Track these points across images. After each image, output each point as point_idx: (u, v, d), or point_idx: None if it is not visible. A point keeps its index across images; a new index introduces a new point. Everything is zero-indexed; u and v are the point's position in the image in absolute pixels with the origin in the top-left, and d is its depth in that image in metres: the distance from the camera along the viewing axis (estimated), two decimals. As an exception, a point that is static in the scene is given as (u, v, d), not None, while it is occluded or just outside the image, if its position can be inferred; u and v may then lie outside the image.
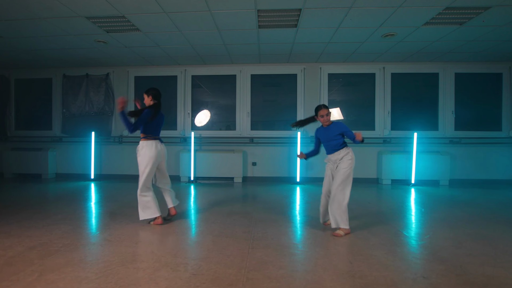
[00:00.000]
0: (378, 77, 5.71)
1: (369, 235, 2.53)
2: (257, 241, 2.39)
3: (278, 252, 2.14)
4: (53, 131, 5.99)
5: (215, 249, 2.20)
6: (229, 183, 5.50)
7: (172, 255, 2.08)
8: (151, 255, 2.07)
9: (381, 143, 5.70)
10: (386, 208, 3.62)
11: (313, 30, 4.08)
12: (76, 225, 2.76)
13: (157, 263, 1.93)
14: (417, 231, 2.70)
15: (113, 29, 4.04)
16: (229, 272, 1.82)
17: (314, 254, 2.11)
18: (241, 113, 5.84)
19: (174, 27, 3.97)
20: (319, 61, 5.67)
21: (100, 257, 2.02)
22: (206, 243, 2.32)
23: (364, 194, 4.55)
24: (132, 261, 1.96)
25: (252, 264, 1.93)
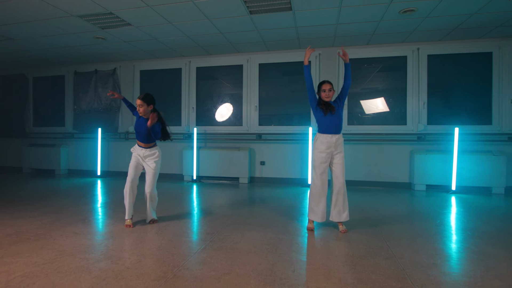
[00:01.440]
0: (410, 61, 5.44)
1: (379, 262, 2.53)
2: (213, 243, 2.63)
3: (225, 256, 2.35)
4: (66, 127, 6.97)
5: (165, 248, 2.50)
6: (234, 184, 5.80)
7: (121, 250, 2.44)
8: (101, 248, 2.45)
9: (414, 140, 5.43)
10: (408, 218, 3.54)
11: (312, 12, 4.13)
12: (58, 218, 3.32)
13: (102, 256, 2.31)
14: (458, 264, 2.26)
15: (106, 25, 4.61)
16: (162, 268, 2.10)
17: (262, 259, 2.27)
18: (248, 107, 6.08)
19: (163, 20, 4.38)
20: (336, 45, 5.61)
21: (57, 247, 2.47)
22: (160, 242, 2.64)
23: (388, 201, 4.44)
24: (81, 252, 2.36)
25: (190, 264, 2.18)
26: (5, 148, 7.48)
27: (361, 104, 5.73)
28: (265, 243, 2.61)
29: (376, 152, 5.60)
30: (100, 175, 6.47)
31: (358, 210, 3.83)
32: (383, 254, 2.39)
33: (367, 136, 5.59)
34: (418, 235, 2.87)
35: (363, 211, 3.76)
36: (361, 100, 5.73)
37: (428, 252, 2.43)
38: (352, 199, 4.45)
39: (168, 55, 6.20)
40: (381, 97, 5.67)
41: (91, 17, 4.30)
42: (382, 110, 5.68)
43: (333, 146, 2.99)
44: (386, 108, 5.65)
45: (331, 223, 3.11)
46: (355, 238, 2.75)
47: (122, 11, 4.11)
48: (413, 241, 2.70)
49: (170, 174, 6.38)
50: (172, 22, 4.50)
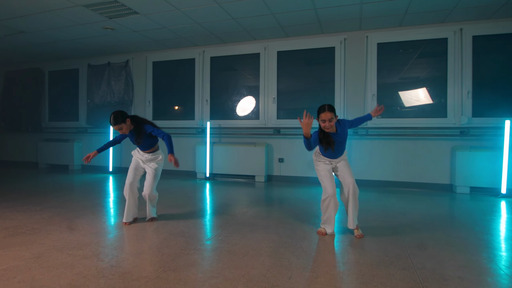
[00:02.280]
0: (452, 44, 5.06)
1: (392, 272, 2.42)
2: (209, 244, 2.59)
3: (218, 258, 2.31)
4: (80, 122, 7.31)
5: (157, 247, 2.50)
6: (250, 182, 5.76)
7: (111, 248, 2.48)
8: (92, 245, 2.51)
9: (456, 135, 5.06)
10: (440, 225, 3.30)
11: (331, -11, 3.96)
12: (58, 213, 3.47)
13: (90, 252, 2.35)
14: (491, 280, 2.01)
15: (114, 14, 4.75)
16: (147, 268, 2.10)
17: (258, 263, 2.20)
18: (265, 99, 6.00)
19: (170, 6, 4.42)
20: (364, 28, 5.36)
21: (48, 242, 2.57)
22: (154, 241, 2.66)
23: (421, 204, 4.18)
24: (71, 248, 2.43)
25: (178, 265, 2.15)
26: (22, 143, 8.02)
27: (400, 96, 5.43)
28: (266, 246, 2.53)
29: (411, 148, 5.29)
30: (112, 171, 6.72)
31: (382, 213, 3.62)
32: (399, 264, 2.21)
33: (400, 130, 5.28)
34: (448, 243, 2.64)
35: (388, 215, 3.55)
36: (394, 93, 5.43)
37: (455, 264, 2.22)
38: (379, 202, 4.23)
39: (181, 44, 6.28)
40: (421, 87, 5.33)
41: (97, 6, 4.44)
42: (424, 103, 5.33)
43: (334, 163, 2.95)
44: (429, 100, 5.30)
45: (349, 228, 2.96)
46: (371, 245, 2.59)
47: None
48: (440, 250, 2.48)
49: (183, 171, 6.46)
50: (180, 9, 4.52)
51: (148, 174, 3.22)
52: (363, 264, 2.21)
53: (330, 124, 2.68)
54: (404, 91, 5.41)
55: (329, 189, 2.82)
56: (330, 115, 2.65)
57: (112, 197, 4.48)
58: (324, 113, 2.67)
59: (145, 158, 3.23)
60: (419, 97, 5.34)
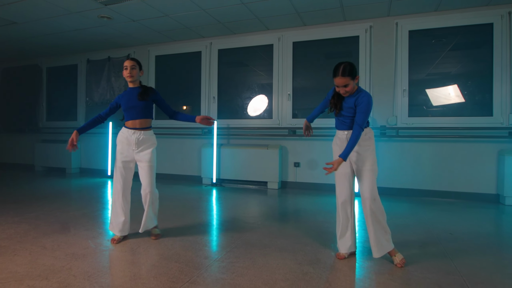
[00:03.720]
0: (498, 30, 4.44)
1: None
2: (208, 272, 2.08)
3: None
4: (78, 121, 6.95)
5: (141, 278, 2.01)
6: (262, 189, 5.25)
7: (84, 277, 1.99)
8: (62, 272, 2.03)
9: (505, 136, 4.42)
10: (476, 243, 2.72)
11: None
12: (36, 226, 3.03)
13: (56, 284, 1.88)
14: None
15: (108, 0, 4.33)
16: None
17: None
18: (279, 96, 5.48)
19: (170, -14, 3.98)
20: (393, 14, 4.79)
21: (11, 266, 2.10)
22: (140, 267, 2.16)
23: (456, 218, 3.58)
24: (34, 277, 1.96)
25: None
26: (18, 144, 7.70)
27: (427, 94, 4.84)
28: (281, 279, 2.00)
29: (448, 152, 4.67)
30: (111, 175, 6.30)
31: (424, 231, 3.04)
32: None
33: (436, 131, 4.68)
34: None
35: (431, 234, 2.97)
36: (428, 88, 4.84)
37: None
38: (415, 216, 3.64)
39: (186, 36, 5.83)
40: (454, 83, 4.72)
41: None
42: (454, 101, 4.74)
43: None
44: (461, 99, 4.70)
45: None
46: (418, 277, 2.03)
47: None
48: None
49: (187, 175, 6.01)
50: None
51: (143, 170, 2.70)
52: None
53: (345, 90, 2.18)
54: (440, 86, 4.80)
55: (339, 193, 2.35)
56: (344, 80, 2.13)
57: (103, 206, 4.02)
58: (337, 78, 2.15)
59: (135, 138, 2.64)
60: (455, 93, 4.72)
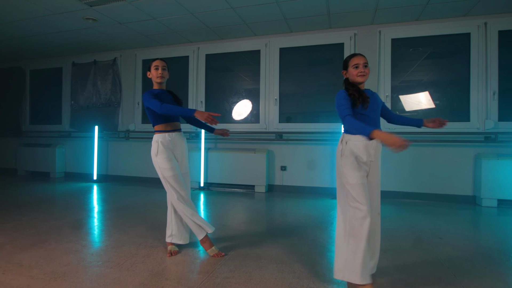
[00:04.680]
0: (475, 40, 4.39)
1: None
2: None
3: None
4: (63, 125, 6.47)
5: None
6: (249, 193, 4.99)
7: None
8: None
9: (480, 141, 4.36)
10: (469, 250, 2.57)
11: (349, -31, 3.24)
12: (13, 239, 2.65)
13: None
14: None
15: (94, 1, 3.96)
16: None
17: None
18: (266, 101, 5.25)
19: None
20: (377, 22, 4.66)
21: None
22: (129, 285, 1.87)
23: (441, 220, 3.45)
24: None
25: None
26: (0, 148, 7.11)
27: (400, 100, 4.75)
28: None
29: (429, 156, 4.58)
30: (97, 179, 5.88)
31: (414, 237, 2.87)
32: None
33: (417, 135, 4.57)
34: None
35: (421, 240, 2.80)
36: (406, 94, 4.74)
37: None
38: (403, 220, 3.49)
39: (174, 41, 5.51)
40: (433, 90, 4.65)
41: (73, -11, 3.67)
42: (426, 107, 4.67)
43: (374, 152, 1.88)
44: (431, 104, 4.64)
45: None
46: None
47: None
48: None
49: (175, 180, 5.66)
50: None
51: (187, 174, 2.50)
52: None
53: (366, 70, 1.95)
54: (420, 92, 4.72)
55: (366, 204, 1.72)
56: (364, 59, 1.97)
57: (88, 214, 3.64)
58: (357, 56, 1.96)
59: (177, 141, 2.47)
60: (426, 100, 4.66)
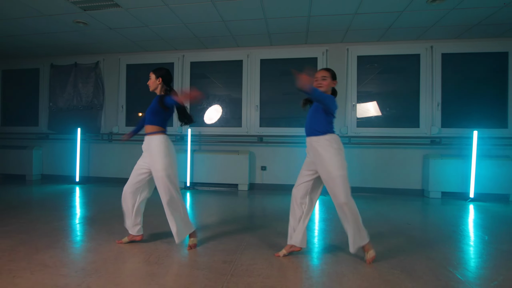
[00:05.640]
0: (424, 60, 4.98)
1: (403, 276, 1.95)
2: (237, 277, 1.92)
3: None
4: (40, 127, 5.99)
5: (173, 286, 1.77)
6: (233, 191, 5.09)
7: (113, 285, 1.68)
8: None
9: (427, 144, 4.96)
10: (433, 232, 2.98)
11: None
12: (21, 240, 2.49)
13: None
14: (478, 272, 2.06)
15: (90, 5, 3.81)
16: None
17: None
18: (248, 106, 5.41)
19: (159, 0, 3.64)
20: (346, 41, 5.07)
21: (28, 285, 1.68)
22: (165, 277, 1.90)
23: (403, 210, 3.89)
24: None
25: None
26: (-34, 151, 6.34)
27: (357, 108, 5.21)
28: (306, 276, 1.93)
29: (387, 156, 5.08)
30: (79, 181, 5.54)
31: (388, 223, 3.23)
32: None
33: (378, 139, 5.06)
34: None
35: (396, 227, 3.16)
36: (366, 103, 5.22)
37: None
38: (373, 210, 3.86)
39: (159, 47, 5.43)
40: (389, 100, 5.18)
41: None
42: (373, 115, 5.18)
43: None
44: (378, 112, 5.16)
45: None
46: (404, 264, 2.13)
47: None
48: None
49: (160, 180, 5.55)
50: (169, 5, 3.76)
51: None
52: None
53: (322, 82, 2.20)
54: (374, 101, 5.21)
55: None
56: (324, 73, 2.22)
57: (91, 214, 3.48)
58: (319, 71, 2.25)
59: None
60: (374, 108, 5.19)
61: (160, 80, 2.46)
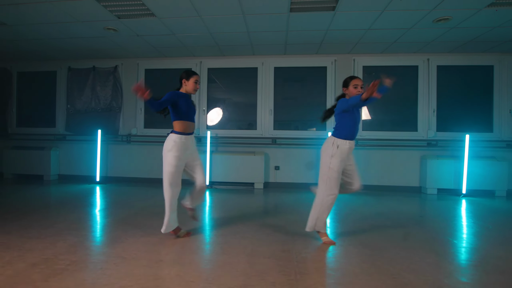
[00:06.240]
0: (421, 71, 5.35)
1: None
2: (303, 263, 2.09)
3: (334, 281, 1.84)
4: (57, 128, 5.89)
5: (254, 273, 1.92)
6: (249, 189, 5.24)
7: (203, 280, 1.81)
8: (177, 279, 1.80)
9: (424, 146, 5.32)
10: (433, 222, 3.26)
11: (353, 13, 3.78)
12: (83, 237, 2.54)
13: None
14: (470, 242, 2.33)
15: (125, 14, 3.86)
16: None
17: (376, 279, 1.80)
18: (262, 111, 5.58)
19: (193, 11, 3.75)
20: (353, 52, 5.35)
21: (116, 280, 1.77)
22: (241, 265, 2.05)
23: (408, 205, 4.18)
24: (155, 287, 1.70)
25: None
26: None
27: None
28: (356, 257, 2.13)
29: (389, 157, 5.40)
30: (100, 181, 5.50)
31: (403, 216, 3.50)
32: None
33: (380, 141, 5.37)
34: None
35: (408, 218, 3.43)
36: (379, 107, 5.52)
37: None
38: (383, 205, 4.12)
39: (178, 54, 5.50)
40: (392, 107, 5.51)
41: (112, 3, 3.55)
42: (364, 118, 5.49)
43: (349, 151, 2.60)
44: (368, 117, 5.50)
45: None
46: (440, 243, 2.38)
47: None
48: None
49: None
50: (202, 16, 3.88)
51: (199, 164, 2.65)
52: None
53: (362, 90, 2.45)
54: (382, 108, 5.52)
55: (336, 189, 2.51)
56: (362, 81, 2.49)
57: (129, 211, 3.52)
58: (357, 79, 2.48)
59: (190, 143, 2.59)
60: (365, 113, 5.50)
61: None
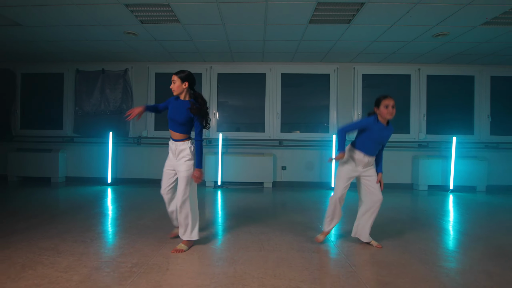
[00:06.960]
0: (413, 79, 5.64)
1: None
2: (350, 256, 2.16)
3: (388, 271, 1.93)
4: (64, 130, 5.59)
5: (314, 267, 1.96)
6: (259, 188, 5.27)
7: (272, 276, 1.82)
8: (247, 277, 1.81)
9: (416, 147, 5.61)
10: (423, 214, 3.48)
11: (366, 26, 3.93)
12: (129, 239, 2.46)
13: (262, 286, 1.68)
14: (457, 226, 2.53)
15: (150, 19, 3.76)
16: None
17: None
18: (270, 114, 5.63)
19: (218, 19, 3.73)
20: (354, 61, 5.54)
21: (189, 280, 1.74)
22: (297, 260, 2.08)
23: (404, 201, 4.40)
24: (230, 284, 1.70)
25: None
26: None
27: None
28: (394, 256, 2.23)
29: (384, 157, 5.57)
30: (111, 182, 5.29)
31: (406, 211, 3.68)
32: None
33: (378, 143, 5.59)
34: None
35: (413, 212, 3.62)
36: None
37: None
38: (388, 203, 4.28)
39: (190, 58, 5.41)
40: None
41: (140, 8, 3.45)
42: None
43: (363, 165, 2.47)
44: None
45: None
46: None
47: (182, 4, 3.36)
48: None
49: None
50: (225, 23, 3.86)
51: (178, 178, 2.29)
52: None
53: (393, 111, 2.32)
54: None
55: (338, 191, 2.40)
56: (393, 101, 2.31)
57: (150, 214, 3.41)
58: (388, 98, 2.31)
59: (174, 148, 2.28)
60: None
61: (187, 85, 2.24)
